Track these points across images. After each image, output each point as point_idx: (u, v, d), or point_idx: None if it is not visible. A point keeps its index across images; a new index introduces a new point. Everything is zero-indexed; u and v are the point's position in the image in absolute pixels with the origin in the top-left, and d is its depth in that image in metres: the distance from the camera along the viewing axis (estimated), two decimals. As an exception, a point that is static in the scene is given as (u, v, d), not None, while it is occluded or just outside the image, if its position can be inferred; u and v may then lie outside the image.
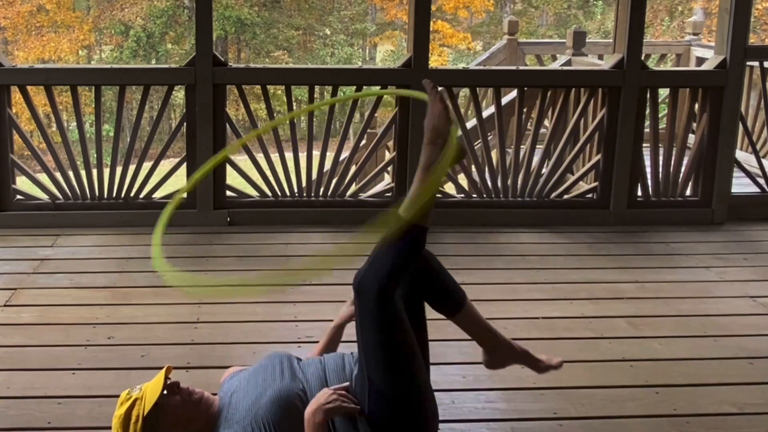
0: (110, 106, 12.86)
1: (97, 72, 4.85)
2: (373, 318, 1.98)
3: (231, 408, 2.08)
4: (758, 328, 3.23)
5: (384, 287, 1.96)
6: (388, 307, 1.99)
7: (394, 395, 2.00)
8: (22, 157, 5.06)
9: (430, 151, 2.03)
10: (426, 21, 4.36)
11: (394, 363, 2.01)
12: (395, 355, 2.01)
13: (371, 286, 1.97)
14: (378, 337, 1.99)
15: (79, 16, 18.82)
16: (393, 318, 2.00)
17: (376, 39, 21.12)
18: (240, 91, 4.51)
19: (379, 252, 2.00)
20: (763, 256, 4.13)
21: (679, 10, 19.49)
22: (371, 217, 2.04)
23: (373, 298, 1.96)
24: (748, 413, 2.58)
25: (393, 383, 2.00)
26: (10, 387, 2.67)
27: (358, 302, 2.01)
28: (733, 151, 4.60)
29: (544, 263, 3.95)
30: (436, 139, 2.03)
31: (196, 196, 4.39)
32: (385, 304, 1.98)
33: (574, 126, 4.62)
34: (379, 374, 2.00)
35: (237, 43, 19.95)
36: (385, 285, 1.96)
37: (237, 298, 3.36)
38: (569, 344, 3.03)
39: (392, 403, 2.00)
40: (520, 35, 9.91)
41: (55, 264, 3.85)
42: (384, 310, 1.98)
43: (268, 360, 2.23)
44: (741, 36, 4.44)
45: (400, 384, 2.01)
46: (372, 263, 2.00)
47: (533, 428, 2.49)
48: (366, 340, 2.01)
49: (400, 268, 1.99)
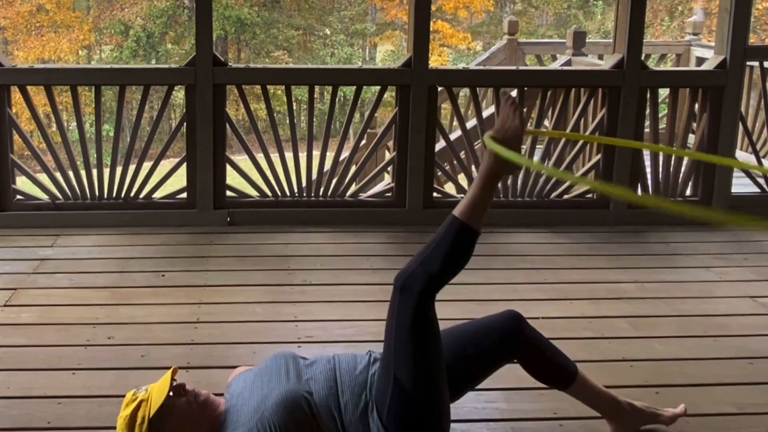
0: (110, 106, 12.86)
1: (97, 72, 4.85)
2: (412, 317, 2.01)
3: (236, 410, 2.07)
4: (758, 328, 3.23)
5: (430, 288, 2.00)
6: (429, 308, 2.02)
7: (416, 397, 2.01)
8: (22, 157, 5.06)
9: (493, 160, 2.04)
10: (426, 21, 4.36)
11: (424, 366, 2.02)
12: (426, 358, 2.03)
13: (418, 284, 1.99)
14: (413, 336, 2.01)
15: (79, 16, 18.82)
16: (431, 320, 2.04)
17: (376, 39, 21.12)
18: (240, 91, 4.51)
19: (431, 253, 2.02)
20: (763, 256, 4.13)
21: (679, 10, 19.49)
22: (371, 217, 2.04)
23: (416, 297, 1.99)
24: (748, 413, 2.58)
25: (419, 386, 2.01)
26: (10, 387, 2.67)
27: (400, 300, 2.02)
28: (733, 151, 4.60)
29: (544, 263, 3.95)
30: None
31: (196, 196, 4.39)
32: (426, 305, 2.01)
33: (574, 126, 4.62)
34: (407, 374, 2.01)
35: (237, 43, 19.95)
36: (432, 285, 2.00)
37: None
38: (569, 344, 3.01)
39: (413, 405, 2.02)
40: (520, 35, 9.91)
41: (55, 264, 3.85)
42: (424, 310, 2.01)
43: (273, 361, 2.23)
44: (741, 36, 4.44)
45: (425, 388, 2.02)
46: (422, 263, 2.02)
47: (533, 428, 2.49)
48: (399, 339, 2.03)
49: (449, 271, 2.01)
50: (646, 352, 2.99)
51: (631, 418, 2.37)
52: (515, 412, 2.56)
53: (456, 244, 2.00)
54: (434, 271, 1.99)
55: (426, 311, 2.02)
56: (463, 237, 2.00)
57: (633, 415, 2.37)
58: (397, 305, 2.03)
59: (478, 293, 3.47)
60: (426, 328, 2.03)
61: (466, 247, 2.01)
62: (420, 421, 2.03)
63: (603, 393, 2.36)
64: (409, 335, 2.01)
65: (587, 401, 2.36)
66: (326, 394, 2.08)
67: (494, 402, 2.60)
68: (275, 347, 2.55)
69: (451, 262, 2.00)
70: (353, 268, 3.84)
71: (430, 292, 2.00)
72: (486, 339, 2.25)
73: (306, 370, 2.17)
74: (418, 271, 2.01)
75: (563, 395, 2.63)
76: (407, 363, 2.01)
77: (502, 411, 2.56)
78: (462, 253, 2.01)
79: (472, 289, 3.46)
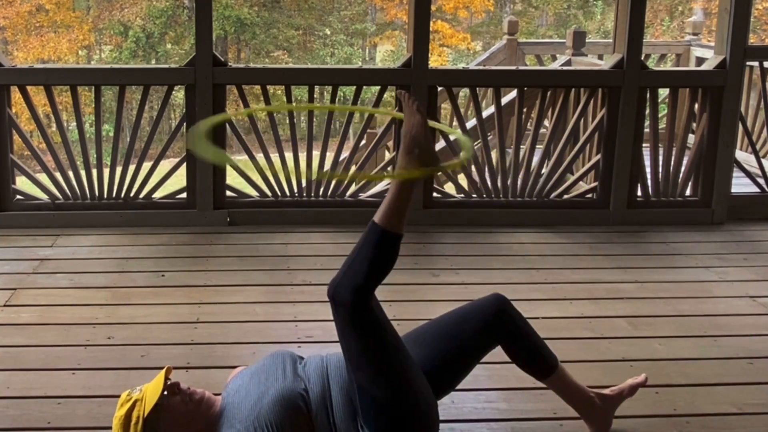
0: (110, 106, 12.86)
1: (96, 72, 4.85)
2: (351, 327, 2.00)
3: (233, 408, 2.07)
4: (758, 328, 3.23)
5: (359, 297, 1.98)
6: (365, 314, 2.00)
7: (385, 400, 2.00)
8: (22, 157, 5.06)
9: (407, 161, 2.04)
10: (426, 21, 4.36)
11: (379, 368, 2.01)
12: (379, 361, 2.02)
13: (346, 295, 1.98)
14: (358, 344, 2.01)
15: (78, 16, 18.81)
16: (371, 324, 2.01)
17: (376, 39, 21.11)
18: (240, 91, 4.50)
19: (353, 261, 2.01)
20: (763, 256, 4.13)
21: (679, 10, 19.49)
22: (371, 217, 2.04)
23: (348, 307, 1.99)
24: (748, 413, 2.58)
25: (384, 389, 2.01)
26: (10, 387, 2.67)
27: (335, 312, 2.02)
28: (732, 151, 4.60)
29: (544, 263, 3.95)
30: (412, 148, 2.05)
31: (196, 196, 4.39)
32: (361, 313, 2.00)
33: (573, 126, 4.62)
34: (367, 381, 2.01)
35: (237, 43, 19.94)
36: (360, 294, 1.98)
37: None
38: (569, 344, 3.03)
39: (386, 407, 2.00)
40: (520, 35, 9.92)
41: (55, 264, 3.85)
42: (361, 318, 2.00)
43: (270, 359, 2.23)
44: (741, 36, 4.44)
45: (391, 389, 2.01)
46: (346, 272, 2.01)
47: (533, 428, 2.49)
48: (349, 349, 2.03)
49: (375, 277, 2.00)
50: (646, 352, 2.99)
51: (603, 410, 2.38)
52: (515, 412, 2.56)
53: (377, 250, 1.99)
54: (360, 279, 1.98)
55: (363, 317, 2.00)
56: (384, 242, 2.00)
57: (605, 407, 2.39)
58: (336, 318, 2.03)
59: (478, 293, 3.45)
60: (369, 333, 2.01)
61: (388, 251, 2.01)
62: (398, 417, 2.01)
63: (580, 389, 2.37)
64: (354, 344, 2.01)
65: (565, 395, 2.37)
66: (319, 391, 2.09)
67: (494, 402, 2.60)
68: (275, 347, 2.55)
69: (375, 269, 1.99)
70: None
71: (360, 301, 1.98)
72: (470, 322, 2.25)
73: (301, 369, 2.17)
74: (343, 282, 2.00)
75: (563, 395, 2.63)
76: (363, 371, 2.01)
77: (502, 411, 2.56)
78: (385, 258, 2.00)
79: (472, 289, 3.46)
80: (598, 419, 2.38)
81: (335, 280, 2.03)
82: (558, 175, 4.59)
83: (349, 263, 2.02)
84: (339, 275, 2.02)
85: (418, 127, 2.06)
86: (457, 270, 3.83)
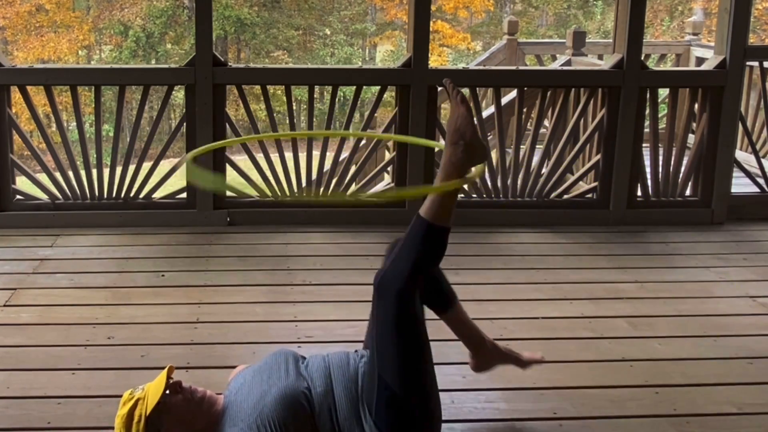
0: (110, 106, 12.86)
1: (96, 72, 4.85)
2: (392, 318, 2.01)
3: (235, 406, 2.08)
4: (758, 328, 3.23)
5: (405, 288, 2.00)
6: (408, 307, 2.02)
7: (402, 395, 2.01)
8: (21, 157, 5.06)
9: (452, 152, 2.05)
10: (426, 21, 4.36)
11: (408, 364, 2.03)
12: (410, 356, 2.03)
13: (392, 286, 1.99)
14: (395, 337, 2.01)
15: (78, 16, 18.81)
16: (412, 319, 2.03)
17: (376, 39, 21.12)
18: (240, 91, 4.50)
19: (401, 252, 2.02)
20: (763, 256, 4.13)
21: (679, 10, 19.49)
22: (371, 217, 2.05)
23: (393, 298, 1.99)
24: (748, 413, 2.58)
25: (403, 383, 2.02)
26: (10, 387, 2.67)
27: (378, 301, 2.03)
28: (732, 151, 4.60)
29: (544, 263, 3.95)
30: (458, 140, 2.05)
31: (196, 196, 4.39)
32: (405, 305, 2.01)
33: (573, 126, 4.62)
34: (392, 374, 2.02)
35: (237, 43, 19.94)
36: (406, 285, 2.00)
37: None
38: (569, 344, 3.03)
39: (400, 402, 2.02)
40: (520, 35, 9.91)
41: (55, 264, 3.85)
42: (403, 310, 2.01)
43: (272, 358, 2.23)
44: (741, 36, 4.44)
45: (410, 385, 2.03)
46: (394, 263, 2.02)
47: (533, 428, 2.49)
48: (382, 339, 2.03)
49: (422, 270, 2.02)
50: (646, 352, 2.99)
51: (490, 354, 2.47)
52: (515, 412, 2.56)
53: (424, 244, 2.02)
54: (406, 272, 1.99)
55: (406, 310, 2.01)
56: (430, 235, 2.02)
57: (492, 352, 2.46)
58: (378, 307, 2.03)
59: (478, 293, 3.47)
60: (408, 327, 2.02)
61: (436, 244, 2.03)
62: (408, 420, 2.03)
63: (473, 327, 2.44)
64: (390, 335, 2.02)
65: (458, 331, 2.43)
66: (322, 390, 2.09)
67: (494, 402, 2.60)
68: (275, 347, 2.55)
69: (422, 262, 2.02)
70: (353, 268, 3.84)
71: (406, 292, 2.00)
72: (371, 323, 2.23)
73: (303, 368, 2.18)
74: (390, 273, 2.02)
75: (563, 395, 2.63)
76: (391, 362, 2.02)
77: (502, 411, 2.56)
78: (433, 251, 2.03)
79: (471, 289, 3.46)
80: (483, 358, 2.47)
81: (382, 269, 2.05)
82: (558, 175, 4.59)
83: (396, 255, 2.04)
84: (386, 265, 2.05)
85: (461, 119, 2.06)
86: (457, 270, 3.82)
